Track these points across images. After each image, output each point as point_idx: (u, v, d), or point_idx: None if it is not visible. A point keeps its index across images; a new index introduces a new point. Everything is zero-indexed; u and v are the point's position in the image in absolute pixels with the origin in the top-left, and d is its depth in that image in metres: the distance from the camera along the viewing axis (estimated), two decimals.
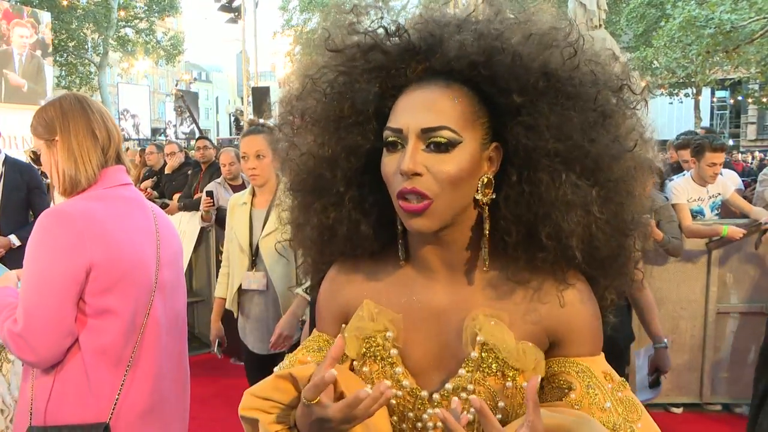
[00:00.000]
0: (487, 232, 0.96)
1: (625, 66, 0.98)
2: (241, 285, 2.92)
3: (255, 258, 2.86)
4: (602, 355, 1.00)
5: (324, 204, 1.02)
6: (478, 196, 0.94)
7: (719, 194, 4.31)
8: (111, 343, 1.53)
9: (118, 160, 1.66)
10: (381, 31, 0.98)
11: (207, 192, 4.99)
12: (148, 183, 6.75)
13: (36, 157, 1.70)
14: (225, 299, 3.07)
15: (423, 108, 0.91)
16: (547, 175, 0.90)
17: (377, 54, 0.96)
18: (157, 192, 6.65)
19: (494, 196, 0.95)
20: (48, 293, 1.45)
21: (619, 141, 0.93)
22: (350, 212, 1.01)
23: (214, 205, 4.97)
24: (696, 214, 4.21)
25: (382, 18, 0.98)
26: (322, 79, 1.00)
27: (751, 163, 16.60)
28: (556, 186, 0.90)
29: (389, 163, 0.93)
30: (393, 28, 0.97)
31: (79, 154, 1.57)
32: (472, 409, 0.95)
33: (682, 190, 4.14)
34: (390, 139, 0.93)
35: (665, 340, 2.72)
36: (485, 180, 0.94)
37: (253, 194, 2.94)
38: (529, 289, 0.98)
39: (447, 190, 0.90)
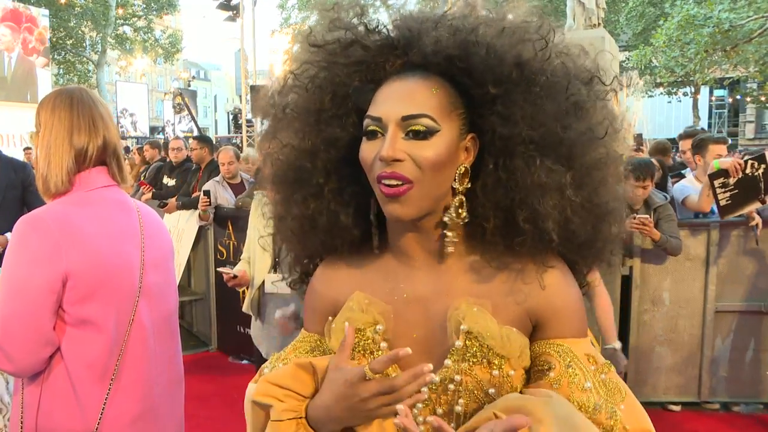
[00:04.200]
0: (462, 220, 0.98)
1: (595, 59, 1.01)
2: (260, 287, 2.85)
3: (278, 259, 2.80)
4: (587, 338, 1.01)
5: (304, 195, 1.04)
6: (455, 185, 0.97)
7: None
8: (96, 358, 1.50)
9: (102, 161, 1.61)
10: (361, 27, 1.00)
11: (204, 191, 4.98)
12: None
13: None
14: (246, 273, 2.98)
15: (402, 97, 0.94)
16: (522, 161, 0.93)
17: (357, 49, 0.99)
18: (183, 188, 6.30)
19: (470, 185, 0.98)
20: (24, 303, 1.41)
21: (591, 129, 0.97)
22: (329, 203, 1.03)
23: (210, 204, 4.97)
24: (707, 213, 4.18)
25: (362, 15, 1.01)
26: (304, 75, 1.02)
27: None
28: (531, 171, 0.93)
29: (368, 149, 0.95)
30: (373, 25, 1.00)
31: (54, 156, 1.53)
32: (460, 401, 0.97)
33: (689, 188, 4.15)
34: (370, 127, 0.95)
35: (613, 344, 2.71)
36: (462, 169, 0.97)
37: None
38: (510, 272, 0.99)
39: (428, 175, 0.92)
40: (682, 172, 5.28)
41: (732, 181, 3.79)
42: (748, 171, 3.75)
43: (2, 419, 2.06)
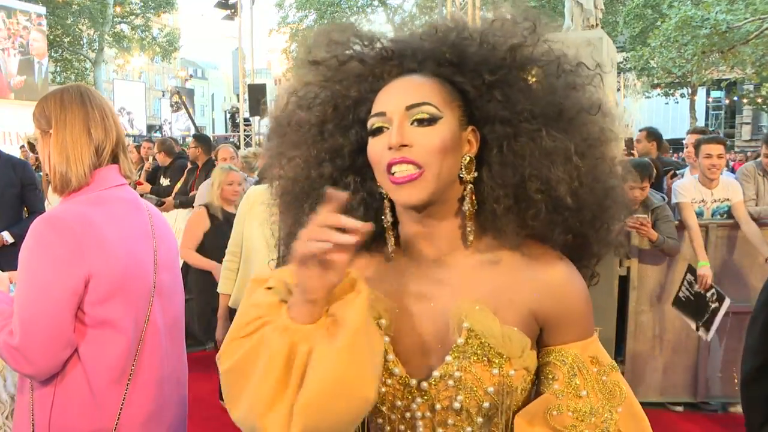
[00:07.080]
0: (471, 208, 1.00)
1: (577, 49, 1.06)
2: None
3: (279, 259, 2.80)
4: (594, 337, 1.03)
5: (312, 204, 1.05)
6: (463, 174, 0.99)
7: (727, 199, 4.18)
8: (116, 359, 1.49)
9: (115, 159, 1.60)
10: (357, 45, 1.05)
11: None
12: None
13: (33, 146, 1.67)
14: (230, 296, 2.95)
15: (404, 90, 0.98)
16: (527, 136, 0.97)
17: (355, 63, 1.04)
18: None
19: (476, 174, 1.01)
20: (46, 306, 1.39)
21: (584, 106, 1.01)
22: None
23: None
24: (696, 215, 4.10)
25: (357, 34, 1.06)
26: (307, 96, 1.07)
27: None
28: (538, 143, 0.96)
29: (375, 145, 0.98)
30: (367, 41, 1.05)
31: (72, 151, 1.51)
32: (459, 398, 0.98)
33: (687, 189, 4.13)
34: (375, 125, 0.98)
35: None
36: (467, 159, 1.00)
37: None
38: (516, 273, 1.01)
39: (436, 159, 0.95)
40: (678, 172, 5.29)
41: (696, 287, 3.85)
42: (708, 294, 3.83)
43: (0, 416, 2.05)
